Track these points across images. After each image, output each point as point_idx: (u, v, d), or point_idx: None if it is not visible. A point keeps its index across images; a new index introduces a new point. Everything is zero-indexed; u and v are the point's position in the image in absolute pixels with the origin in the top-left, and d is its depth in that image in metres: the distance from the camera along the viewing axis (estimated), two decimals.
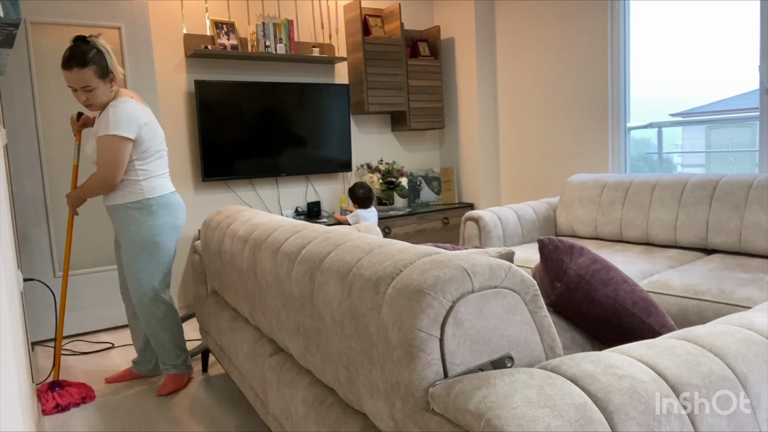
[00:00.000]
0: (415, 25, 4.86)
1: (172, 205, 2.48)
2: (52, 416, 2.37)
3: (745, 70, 3.26)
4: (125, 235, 2.44)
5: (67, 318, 3.36)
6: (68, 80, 2.31)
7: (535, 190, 4.48)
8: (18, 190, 3.24)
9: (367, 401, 1.12)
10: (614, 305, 1.46)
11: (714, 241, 2.83)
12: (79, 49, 2.27)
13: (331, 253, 1.28)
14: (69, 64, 2.27)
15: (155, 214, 2.43)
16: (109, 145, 2.30)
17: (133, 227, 2.42)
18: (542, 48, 4.29)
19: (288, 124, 4.16)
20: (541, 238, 1.55)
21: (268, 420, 1.75)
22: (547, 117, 4.33)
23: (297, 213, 4.32)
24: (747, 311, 1.12)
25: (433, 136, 5.09)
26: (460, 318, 0.92)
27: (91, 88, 2.31)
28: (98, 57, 2.30)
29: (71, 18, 3.30)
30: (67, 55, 2.28)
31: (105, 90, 2.35)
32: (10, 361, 1.09)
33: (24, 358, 1.86)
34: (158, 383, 2.65)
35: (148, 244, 2.43)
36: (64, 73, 2.30)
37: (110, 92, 2.38)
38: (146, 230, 2.42)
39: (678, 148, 4.29)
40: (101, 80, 2.32)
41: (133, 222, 2.41)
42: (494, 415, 0.76)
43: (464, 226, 3.33)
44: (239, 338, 1.98)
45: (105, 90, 2.35)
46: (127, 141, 2.32)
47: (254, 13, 4.09)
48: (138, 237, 2.42)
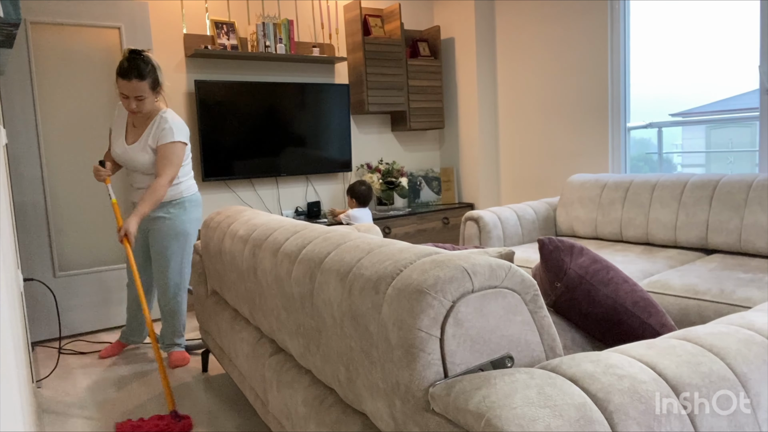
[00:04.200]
0: (415, 25, 4.86)
1: (199, 202, 2.90)
2: (51, 416, 2.37)
3: (745, 70, 3.27)
4: (160, 229, 2.77)
5: (67, 318, 3.36)
6: (124, 89, 2.58)
7: (535, 190, 4.48)
8: (18, 190, 3.24)
9: (367, 401, 1.12)
10: (614, 305, 1.46)
11: (714, 241, 2.83)
12: (138, 62, 2.56)
13: (331, 253, 1.28)
14: (129, 75, 2.55)
15: (188, 210, 2.81)
16: (175, 150, 2.67)
17: (169, 221, 2.77)
18: (542, 48, 4.29)
19: (288, 124, 4.16)
20: (541, 238, 1.55)
21: (268, 420, 1.75)
22: (547, 117, 4.33)
23: (297, 213, 4.32)
24: (747, 311, 1.12)
25: (433, 136, 5.09)
26: (461, 318, 0.92)
27: (143, 98, 2.61)
28: (153, 71, 2.62)
29: (71, 18, 3.30)
30: (126, 66, 2.55)
31: (152, 101, 2.67)
32: (10, 361, 1.09)
33: (24, 358, 1.86)
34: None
35: (180, 235, 2.79)
36: (120, 82, 2.56)
37: (155, 103, 2.70)
38: (180, 224, 2.78)
39: (678, 148, 4.29)
40: (152, 92, 2.64)
41: (170, 217, 2.77)
42: (494, 415, 0.76)
43: (464, 226, 3.33)
44: (239, 338, 1.98)
45: (152, 101, 2.67)
46: (185, 146, 2.73)
47: (254, 13, 4.09)
48: (173, 230, 2.77)
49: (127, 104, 2.62)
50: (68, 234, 3.39)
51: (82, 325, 3.43)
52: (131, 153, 2.72)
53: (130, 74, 2.54)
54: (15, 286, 1.77)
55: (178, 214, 2.77)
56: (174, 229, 2.77)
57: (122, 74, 2.55)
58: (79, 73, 3.36)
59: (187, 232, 2.81)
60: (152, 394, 2.55)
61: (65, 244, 3.38)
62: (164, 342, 2.92)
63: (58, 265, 3.36)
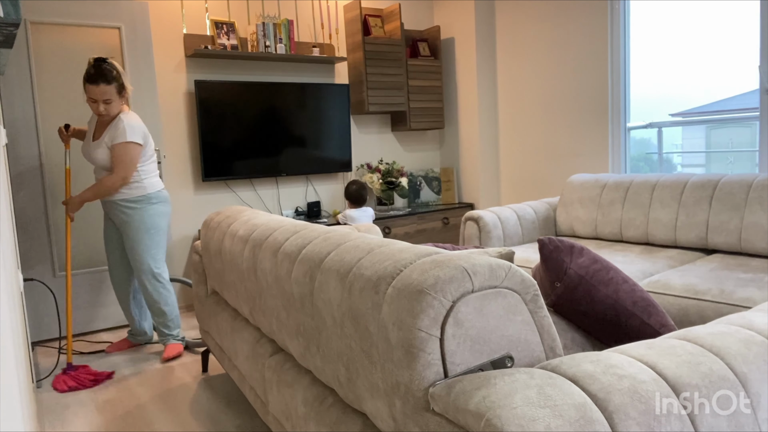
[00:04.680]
0: (415, 25, 4.86)
1: (165, 198, 3.02)
2: (51, 416, 2.37)
3: (745, 70, 3.27)
4: (130, 224, 2.90)
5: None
6: (92, 93, 2.74)
7: (535, 190, 4.48)
8: (18, 189, 3.24)
9: (367, 401, 1.12)
10: (614, 305, 1.46)
11: (714, 241, 2.83)
12: (104, 68, 2.73)
13: (331, 253, 1.28)
14: (97, 80, 2.72)
15: (154, 205, 2.93)
16: (127, 150, 2.80)
17: (137, 216, 2.89)
18: (542, 48, 4.29)
19: (288, 124, 4.16)
20: (541, 238, 1.55)
21: (268, 420, 1.75)
22: (547, 117, 4.33)
23: (297, 213, 4.32)
24: (747, 311, 1.12)
25: (433, 136, 5.09)
26: (461, 318, 0.92)
27: (110, 101, 2.77)
28: (119, 76, 2.78)
29: (71, 18, 3.30)
30: (92, 72, 2.72)
31: (119, 104, 2.83)
32: (10, 361, 1.09)
33: (24, 358, 1.86)
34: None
35: (150, 228, 2.92)
36: (89, 87, 2.73)
37: (121, 105, 2.85)
38: (148, 217, 2.91)
39: (678, 148, 4.29)
40: (119, 95, 2.79)
41: (137, 212, 2.89)
42: (494, 415, 0.76)
43: (464, 226, 3.33)
44: (239, 338, 1.98)
45: (119, 104, 2.83)
46: (139, 146, 2.85)
47: (254, 13, 4.09)
48: (143, 224, 2.90)
49: (95, 108, 2.79)
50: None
51: (82, 325, 3.43)
52: (91, 150, 2.89)
53: (97, 80, 2.71)
54: (15, 286, 1.77)
55: (145, 208, 2.91)
56: (144, 223, 2.91)
57: (90, 80, 2.72)
58: (79, 73, 3.33)
59: (157, 225, 2.95)
60: (152, 394, 2.55)
61: (65, 244, 3.38)
62: (163, 335, 3.06)
63: (58, 265, 3.36)
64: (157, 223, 2.95)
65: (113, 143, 2.79)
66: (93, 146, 2.87)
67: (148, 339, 3.22)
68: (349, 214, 3.81)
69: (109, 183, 2.81)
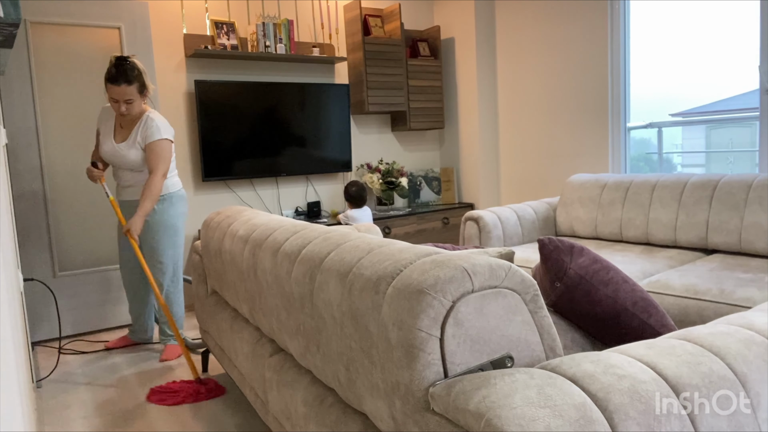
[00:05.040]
0: (415, 25, 4.86)
1: (184, 198, 3.02)
2: (51, 416, 2.37)
3: (745, 70, 3.26)
4: (150, 224, 2.87)
5: (67, 318, 3.36)
6: (114, 93, 2.70)
7: (535, 190, 4.48)
8: (18, 189, 3.24)
9: (367, 401, 1.12)
10: (614, 305, 1.46)
11: (714, 241, 2.83)
12: (126, 68, 2.69)
13: (331, 253, 1.28)
14: (118, 81, 2.68)
15: (175, 205, 2.94)
16: (163, 147, 2.80)
17: (158, 216, 2.88)
18: (542, 48, 4.29)
19: (288, 124, 4.15)
20: (541, 238, 1.55)
21: (268, 420, 1.75)
22: (547, 117, 4.33)
23: (297, 213, 4.32)
24: (747, 311, 1.12)
25: (433, 136, 5.09)
26: (461, 318, 0.92)
27: (132, 101, 2.74)
28: (140, 76, 2.74)
29: (71, 18, 3.30)
30: (114, 72, 2.68)
31: (140, 103, 2.80)
32: (10, 361, 1.09)
33: (24, 358, 1.87)
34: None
35: (169, 228, 2.92)
36: (110, 87, 2.69)
37: (142, 105, 2.83)
38: (168, 218, 2.91)
39: (678, 148, 4.29)
40: (140, 95, 2.77)
41: (157, 212, 2.88)
42: (494, 415, 0.76)
43: (464, 226, 3.33)
44: (239, 338, 1.98)
45: (140, 103, 2.80)
46: (172, 143, 2.86)
47: (254, 13, 4.09)
48: (162, 224, 2.89)
49: (117, 108, 2.75)
50: (68, 234, 3.39)
51: (82, 325, 3.43)
52: (121, 151, 2.85)
53: (119, 80, 2.68)
54: (15, 286, 1.77)
55: (165, 209, 2.90)
56: (163, 224, 2.90)
57: (111, 80, 2.69)
58: (79, 73, 3.36)
59: (176, 226, 2.94)
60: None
61: (65, 244, 3.38)
62: (165, 335, 3.07)
63: (58, 265, 3.36)
64: (176, 224, 2.95)
65: (147, 142, 2.79)
66: (122, 147, 2.84)
67: (148, 338, 3.22)
68: (351, 214, 3.83)
69: (156, 185, 2.78)
